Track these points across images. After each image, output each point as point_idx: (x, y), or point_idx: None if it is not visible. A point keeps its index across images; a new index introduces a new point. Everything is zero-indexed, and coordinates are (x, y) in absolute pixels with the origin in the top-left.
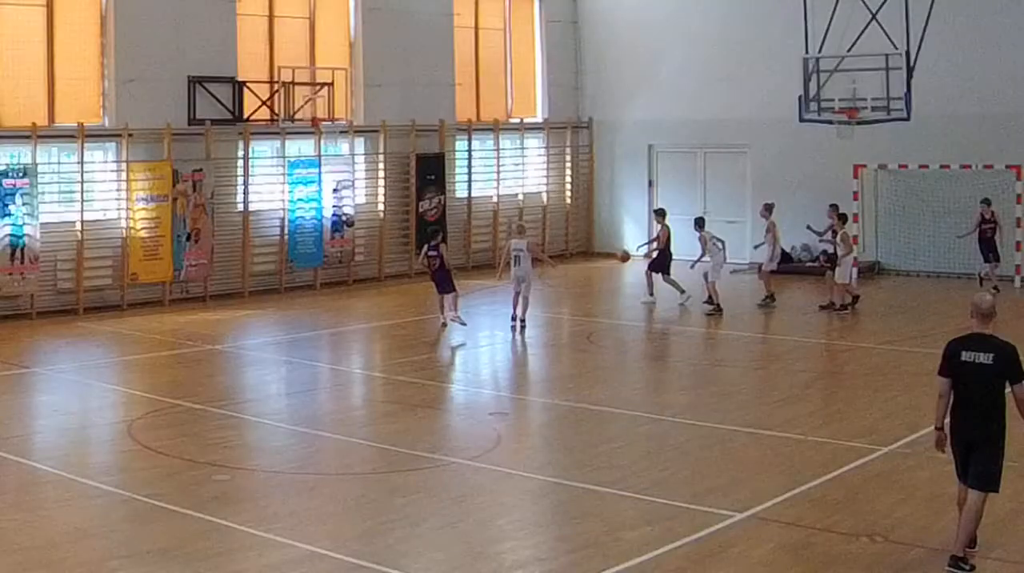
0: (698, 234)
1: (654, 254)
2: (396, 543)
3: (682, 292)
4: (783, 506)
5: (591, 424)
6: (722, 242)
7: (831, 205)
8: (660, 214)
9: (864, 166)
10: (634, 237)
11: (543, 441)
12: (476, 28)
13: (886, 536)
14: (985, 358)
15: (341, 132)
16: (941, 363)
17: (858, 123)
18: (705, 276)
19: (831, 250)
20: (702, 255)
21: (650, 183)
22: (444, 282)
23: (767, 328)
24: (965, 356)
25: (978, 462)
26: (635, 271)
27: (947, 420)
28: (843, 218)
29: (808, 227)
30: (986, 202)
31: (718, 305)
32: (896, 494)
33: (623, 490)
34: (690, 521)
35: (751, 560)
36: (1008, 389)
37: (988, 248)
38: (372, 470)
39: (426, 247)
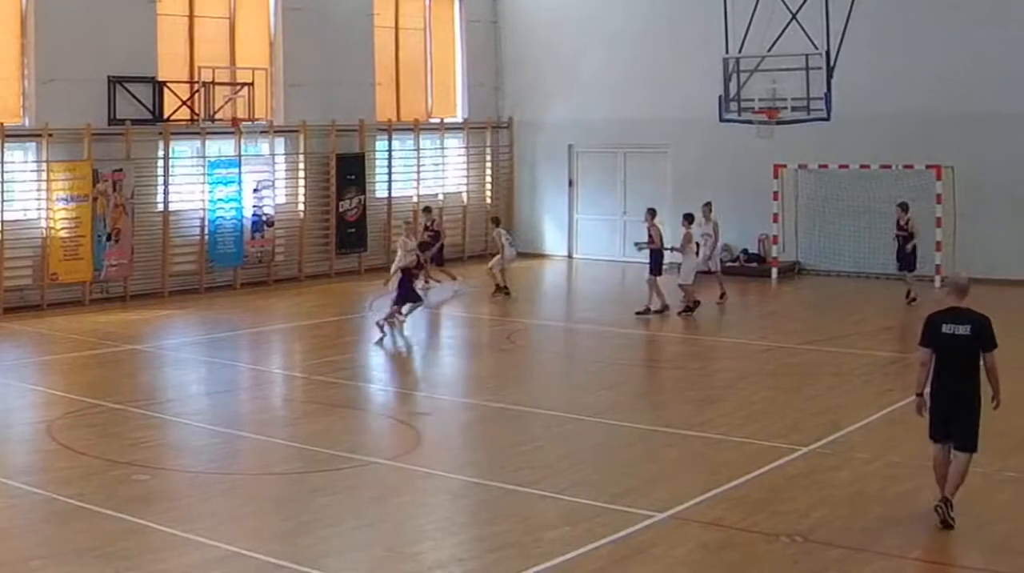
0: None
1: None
2: (316, 543)
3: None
4: (703, 506)
5: (511, 424)
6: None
7: (705, 204)
8: (651, 213)
9: (784, 166)
10: (554, 237)
11: (463, 441)
12: (396, 28)
13: (806, 536)
14: (963, 330)
15: (261, 132)
16: (922, 335)
17: (778, 123)
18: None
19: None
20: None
21: (570, 183)
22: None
23: (687, 328)
24: (945, 328)
25: (960, 426)
26: (555, 270)
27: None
28: (689, 218)
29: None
30: (902, 207)
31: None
32: (816, 494)
33: (543, 490)
34: (610, 521)
35: (671, 560)
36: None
37: (900, 256)
38: (292, 470)
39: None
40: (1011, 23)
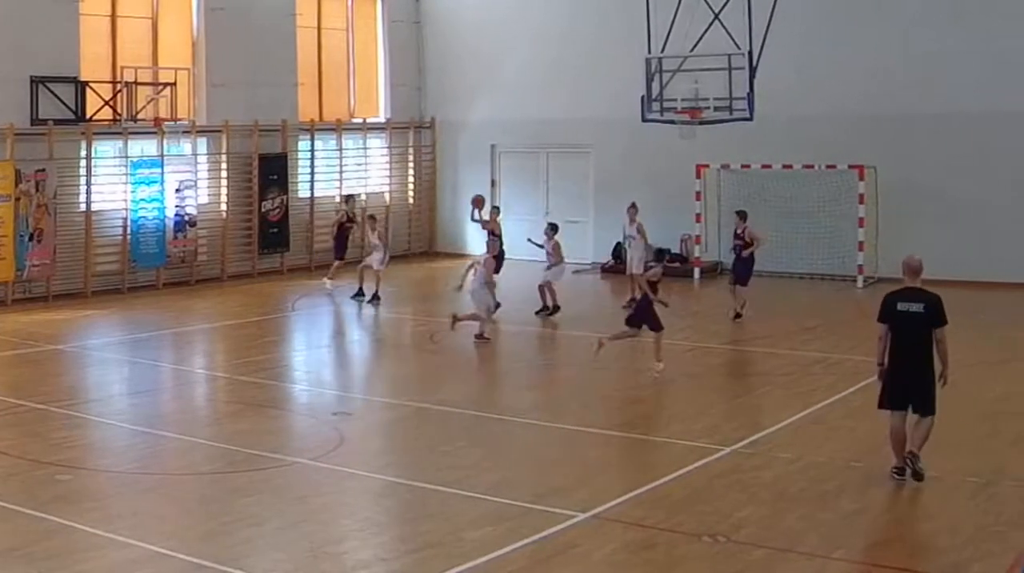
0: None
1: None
2: (239, 543)
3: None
4: (626, 506)
5: (434, 424)
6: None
7: (631, 206)
8: (742, 216)
9: (707, 166)
10: (476, 237)
11: (386, 441)
12: (319, 28)
13: (729, 536)
14: (917, 307)
15: (184, 132)
16: (880, 312)
17: (701, 123)
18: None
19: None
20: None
21: (493, 183)
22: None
23: (610, 329)
24: (900, 306)
25: (919, 394)
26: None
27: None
28: (555, 228)
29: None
30: (740, 215)
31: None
32: (739, 494)
33: (466, 490)
34: (533, 521)
35: (594, 560)
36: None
37: (735, 267)
38: (215, 470)
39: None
40: (934, 24)
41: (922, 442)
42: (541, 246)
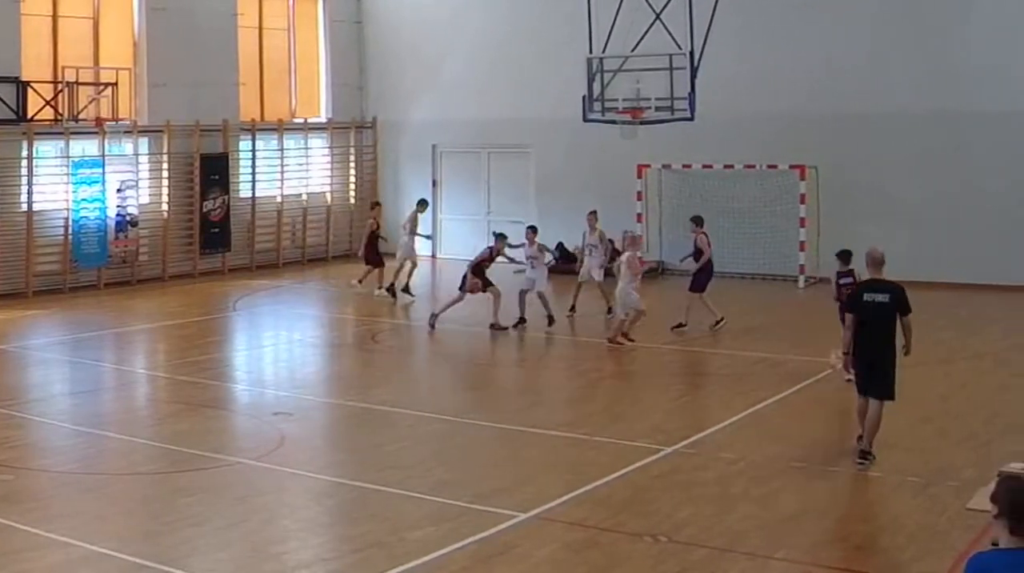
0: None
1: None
2: (180, 543)
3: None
4: (568, 506)
5: (376, 424)
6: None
7: (591, 212)
8: (698, 222)
9: (648, 166)
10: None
11: (327, 441)
12: (260, 28)
13: (670, 536)
14: (883, 298)
15: (125, 132)
16: (848, 303)
17: (642, 123)
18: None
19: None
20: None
21: (434, 183)
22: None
23: (553, 328)
24: (866, 297)
25: (878, 379)
26: (419, 271)
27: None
28: (534, 229)
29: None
30: (695, 220)
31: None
32: (680, 494)
33: (408, 490)
34: (475, 521)
35: (535, 560)
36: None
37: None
38: (156, 470)
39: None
40: (874, 24)
41: (873, 434)
42: (519, 246)
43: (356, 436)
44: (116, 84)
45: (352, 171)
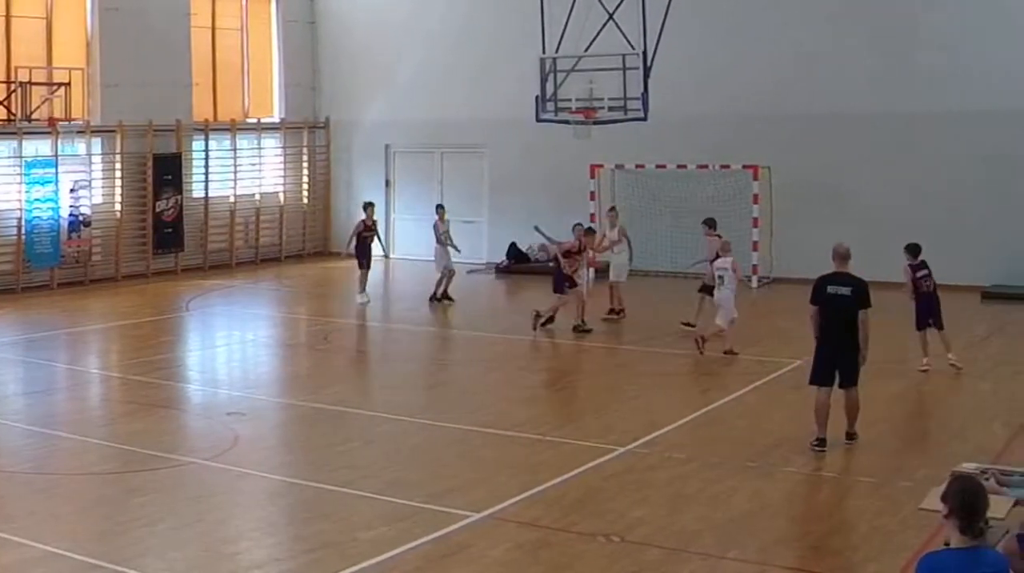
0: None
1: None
2: (133, 543)
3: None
4: (520, 506)
5: (329, 424)
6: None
7: (610, 209)
8: (710, 224)
9: (601, 166)
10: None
11: (280, 441)
12: (213, 28)
13: (623, 536)
14: (845, 290)
15: (78, 132)
16: (812, 294)
17: (595, 123)
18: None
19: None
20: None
21: (387, 183)
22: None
23: (506, 328)
24: (830, 289)
25: (845, 367)
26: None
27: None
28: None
29: (536, 228)
30: (708, 223)
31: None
32: (633, 494)
33: (360, 490)
34: (427, 521)
35: (488, 560)
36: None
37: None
38: (110, 470)
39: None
40: (827, 24)
41: (854, 417)
42: (549, 239)
43: (309, 436)
44: (69, 84)
45: (305, 171)
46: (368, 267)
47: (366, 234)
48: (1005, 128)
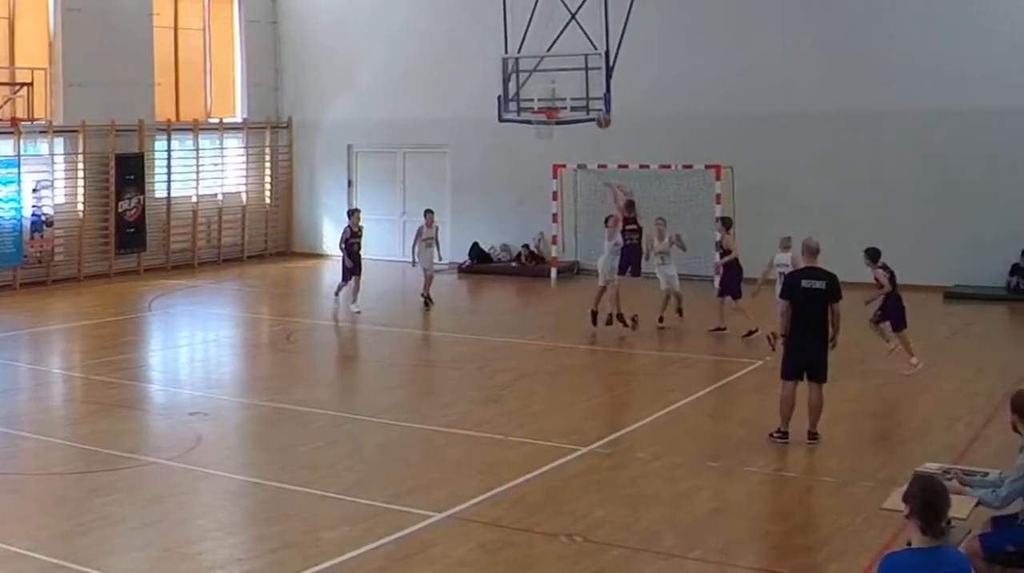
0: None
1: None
2: (95, 543)
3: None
4: (483, 506)
5: (291, 424)
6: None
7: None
8: (726, 223)
9: (563, 166)
10: (334, 237)
11: (243, 441)
12: (176, 28)
13: (585, 536)
14: (819, 285)
15: (40, 132)
16: (783, 289)
17: (558, 123)
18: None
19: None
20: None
21: (349, 183)
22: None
23: (468, 328)
24: (804, 283)
25: (815, 365)
26: (335, 270)
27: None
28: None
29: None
30: (724, 222)
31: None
32: (596, 494)
33: (323, 490)
34: (390, 521)
35: (451, 560)
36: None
37: (722, 280)
38: (72, 470)
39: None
40: (787, 25)
41: (817, 417)
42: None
43: (272, 436)
44: (32, 84)
45: (267, 171)
46: (359, 274)
47: (353, 241)
48: (967, 128)
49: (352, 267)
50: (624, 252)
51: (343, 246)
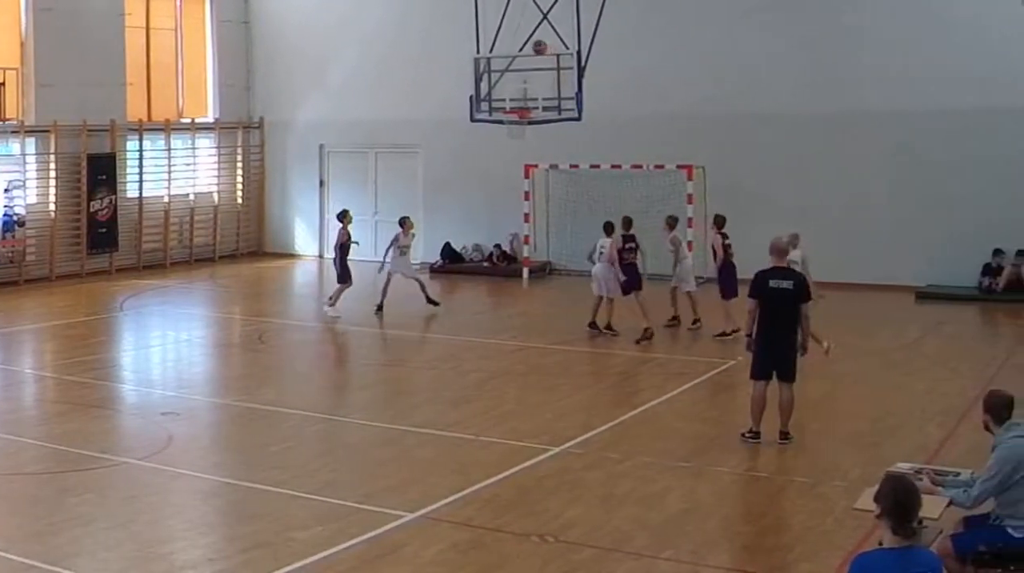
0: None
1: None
2: (67, 543)
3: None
4: (454, 506)
5: (263, 424)
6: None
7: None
8: (718, 222)
9: (535, 166)
10: (305, 237)
11: (214, 441)
12: (147, 28)
13: (557, 536)
14: (787, 284)
15: (12, 132)
16: (751, 288)
17: (529, 123)
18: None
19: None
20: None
21: (321, 183)
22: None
23: (439, 329)
24: (772, 283)
25: (783, 364)
26: (306, 270)
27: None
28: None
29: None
30: (718, 221)
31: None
32: (567, 494)
33: (295, 490)
34: (362, 521)
35: (422, 560)
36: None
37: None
38: (44, 470)
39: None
40: (761, 26)
41: (788, 415)
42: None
43: (243, 436)
44: (3, 84)
45: (239, 171)
46: (350, 282)
47: (348, 245)
48: (938, 129)
49: (347, 276)
50: (625, 271)
51: (338, 250)
